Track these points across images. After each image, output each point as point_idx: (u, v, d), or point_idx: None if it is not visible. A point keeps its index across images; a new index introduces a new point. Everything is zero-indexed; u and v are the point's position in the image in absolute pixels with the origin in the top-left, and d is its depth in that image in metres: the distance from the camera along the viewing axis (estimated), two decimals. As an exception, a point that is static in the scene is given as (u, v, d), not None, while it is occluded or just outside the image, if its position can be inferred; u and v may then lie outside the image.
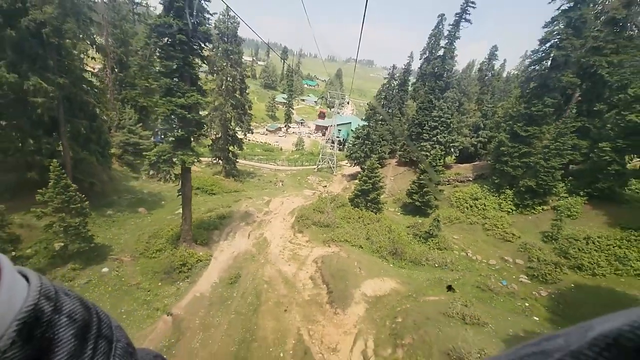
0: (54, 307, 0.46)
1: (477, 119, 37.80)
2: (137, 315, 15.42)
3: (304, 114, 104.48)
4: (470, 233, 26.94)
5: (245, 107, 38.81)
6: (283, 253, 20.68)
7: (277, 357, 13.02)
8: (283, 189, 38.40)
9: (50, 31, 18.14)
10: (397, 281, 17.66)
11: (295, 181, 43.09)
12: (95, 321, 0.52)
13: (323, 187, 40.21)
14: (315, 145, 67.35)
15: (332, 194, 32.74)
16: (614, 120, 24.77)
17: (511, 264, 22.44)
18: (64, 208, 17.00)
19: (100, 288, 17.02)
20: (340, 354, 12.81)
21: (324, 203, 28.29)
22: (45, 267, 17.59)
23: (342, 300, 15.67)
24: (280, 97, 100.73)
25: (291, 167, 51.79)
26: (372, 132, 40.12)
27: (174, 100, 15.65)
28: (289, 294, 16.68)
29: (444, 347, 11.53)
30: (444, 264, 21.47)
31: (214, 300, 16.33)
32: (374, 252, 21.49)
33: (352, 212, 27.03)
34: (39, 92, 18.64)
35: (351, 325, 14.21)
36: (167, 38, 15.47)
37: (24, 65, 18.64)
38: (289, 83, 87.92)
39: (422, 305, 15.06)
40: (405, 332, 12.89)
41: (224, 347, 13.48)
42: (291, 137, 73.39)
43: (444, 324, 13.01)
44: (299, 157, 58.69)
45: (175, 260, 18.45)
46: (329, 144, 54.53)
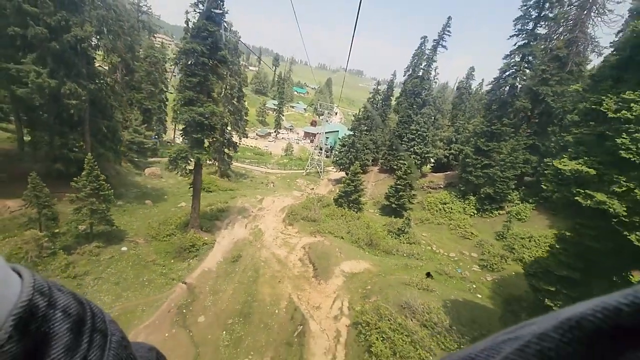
0: (48, 302, 0.48)
1: (450, 134, 43.13)
2: (157, 282, 19.08)
3: (293, 120, 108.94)
4: (437, 232, 31.68)
5: (242, 113, 42.83)
6: (276, 241, 24.71)
7: (273, 313, 17.01)
8: (274, 189, 42.41)
9: (87, 45, 21.88)
10: (370, 263, 21.97)
11: (285, 183, 47.15)
12: (90, 315, 0.54)
13: (311, 190, 44.42)
14: (304, 151, 71.65)
15: (319, 195, 36.99)
16: (557, 140, 30.24)
17: (467, 257, 27.16)
18: (94, 194, 20.54)
19: (122, 262, 20.54)
20: (321, 310, 16.91)
21: (311, 202, 32.54)
22: (73, 245, 20.89)
23: (325, 275, 19.83)
24: (270, 103, 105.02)
25: (281, 171, 55.84)
26: (357, 141, 44.84)
27: (194, 109, 19.68)
28: (281, 270, 20.71)
29: (399, 301, 15.83)
30: (411, 254, 25.94)
31: (219, 273, 20.16)
32: (353, 242, 25.76)
33: (336, 210, 31.34)
34: (72, 96, 22.24)
35: (331, 292, 18.37)
36: (192, 59, 19.55)
37: (61, 72, 22.23)
38: (280, 91, 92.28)
39: (388, 279, 19.39)
40: (372, 294, 17.15)
41: (230, 306, 17.36)
42: (280, 143, 77.48)
43: (402, 289, 17.35)
44: (288, 161, 62.85)
45: (185, 242, 22.17)
46: (317, 151, 58.94)
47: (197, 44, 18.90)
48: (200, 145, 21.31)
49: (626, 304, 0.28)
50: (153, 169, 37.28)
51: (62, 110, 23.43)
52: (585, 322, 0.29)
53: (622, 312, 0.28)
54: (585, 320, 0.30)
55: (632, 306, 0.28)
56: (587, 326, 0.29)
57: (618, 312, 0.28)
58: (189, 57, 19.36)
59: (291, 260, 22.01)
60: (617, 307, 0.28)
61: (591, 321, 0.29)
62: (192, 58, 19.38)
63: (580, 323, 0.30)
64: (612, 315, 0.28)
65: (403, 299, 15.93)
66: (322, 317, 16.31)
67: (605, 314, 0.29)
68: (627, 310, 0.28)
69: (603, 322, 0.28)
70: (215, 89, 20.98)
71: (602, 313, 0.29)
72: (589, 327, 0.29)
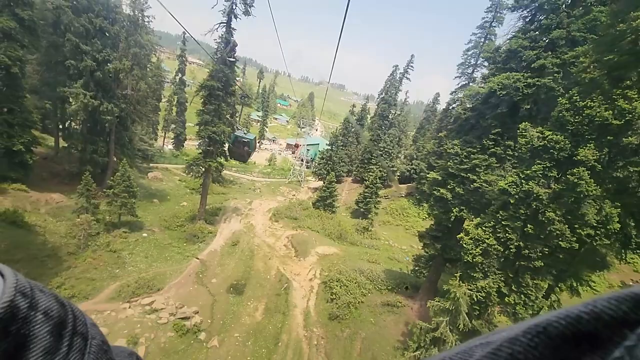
0: (29, 303, 0.48)
1: (412, 151, 52.26)
2: (176, 258, 25.82)
3: (276, 132, 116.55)
4: (395, 231, 39.98)
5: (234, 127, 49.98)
6: (265, 232, 31.98)
7: (266, 278, 24.23)
8: (261, 194, 49.59)
9: (124, 75, 28.82)
10: (338, 249, 29.65)
11: (270, 190, 54.40)
12: (71, 318, 0.54)
13: (292, 195, 51.90)
14: (286, 162, 79.12)
15: (300, 200, 44.56)
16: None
17: (415, 249, 35.40)
18: (126, 190, 27.14)
19: (146, 244, 27.08)
20: (300, 276, 24.32)
21: (293, 205, 40.06)
22: (102, 231, 27.24)
23: (303, 255, 27.32)
24: (254, 114, 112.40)
25: (265, 179, 63.00)
26: (333, 154, 53.06)
27: (209, 128, 27.00)
28: (270, 252, 27.99)
29: (355, 267, 23.57)
30: (372, 246, 33.89)
31: (223, 253, 27.16)
32: (326, 235, 33.41)
33: (314, 211, 39.01)
34: (108, 113, 28.94)
35: (308, 265, 25.84)
36: (209, 91, 26.96)
37: (99, 94, 28.93)
38: (265, 104, 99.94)
39: (350, 258, 27.14)
40: (336, 265, 24.79)
41: (234, 273, 24.42)
42: (263, 153, 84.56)
43: (358, 262, 25.13)
44: (272, 170, 70.07)
45: (195, 230, 29.03)
46: (298, 162, 66.69)
47: (215, 81, 26.41)
48: (210, 155, 28.53)
49: (586, 312, 0.34)
50: (155, 172, 43.59)
51: (95, 124, 30.05)
52: (551, 328, 0.35)
53: (582, 319, 0.34)
54: (551, 326, 0.35)
55: (590, 314, 0.33)
56: (552, 331, 0.35)
57: (579, 320, 0.34)
58: (208, 90, 26.76)
59: (278, 245, 29.38)
60: (578, 315, 0.34)
61: (556, 327, 0.35)
62: (210, 91, 26.80)
63: (547, 329, 0.35)
64: (573, 322, 0.34)
65: (357, 266, 23.71)
66: (301, 280, 23.78)
67: (568, 320, 0.34)
68: (586, 317, 0.33)
69: (566, 328, 0.34)
70: (226, 114, 28.35)
71: (565, 320, 0.34)
72: (553, 332, 0.35)
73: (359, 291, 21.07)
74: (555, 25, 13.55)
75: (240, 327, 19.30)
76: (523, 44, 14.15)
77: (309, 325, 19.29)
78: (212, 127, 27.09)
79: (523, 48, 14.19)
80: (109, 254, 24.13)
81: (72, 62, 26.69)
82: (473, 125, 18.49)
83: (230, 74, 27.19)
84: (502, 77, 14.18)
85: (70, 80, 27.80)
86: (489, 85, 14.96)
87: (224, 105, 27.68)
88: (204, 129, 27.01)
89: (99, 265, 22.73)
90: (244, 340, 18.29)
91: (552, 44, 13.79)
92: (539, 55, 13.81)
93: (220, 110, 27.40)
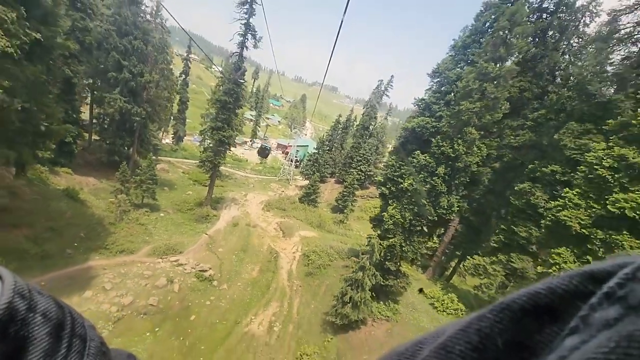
0: (28, 305, 0.49)
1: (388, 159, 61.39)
2: (189, 233, 33.83)
3: (268, 131, 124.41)
4: (366, 224, 48.67)
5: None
6: (259, 218, 40.29)
7: (260, 250, 32.56)
8: (254, 189, 57.73)
9: (153, 85, 36.66)
10: (317, 234, 38.23)
11: (262, 185, 62.58)
12: (69, 320, 0.55)
13: (282, 191, 60.23)
14: (276, 161, 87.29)
15: (288, 195, 52.95)
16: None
17: (381, 239, 44.28)
18: (150, 178, 34.96)
19: (164, 222, 34.94)
20: (286, 250, 32.80)
21: (282, 199, 48.44)
22: (129, 210, 34.96)
23: (289, 236, 35.80)
24: (248, 114, 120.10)
25: (257, 176, 71.06)
26: (320, 157, 61.69)
27: (220, 133, 35.16)
28: (263, 232, 36.35)
29: (328, 244, 32.20)
30: (344, 234, 42.59)
31: (226, 231, 35.32)
32: (309, 224, 41.95)
33: (299, 205, 47.49)
34: (137, 115, 36.70)
35: (292, 243, 34.32)
36: (222, 105, 35.12)
37: (131, 99, 36.65)
38: (259, 105, 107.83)
39: (326, 240, 35.75)
40: (315, 243, 33.34)
41: (236, 245, 32.63)
42: (255, 151, 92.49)
43: (331, 241, 33.75)
44: (263, 168, 78.15)
45: (203, 213, 37.07)
46: (288, 162, 75.08)
47: (227, 97, 34.60)
48: (219, 154, 36.67)
49: (542, 288, 0.40)
50: (162, 165, 51.16)
51: (124, 122, 37.80)
52: (513, 304, 0.41)
53: (540, 294, 0.40)
54: (513, 302, 0.41)
55: (546, 290, 0.40)
56: (514, 307, 0.41)
57: (537, 295, 0.40)
58: (221, 104, 34.90)
59: (269, 228, 37.79)
60: (537, 291, 0.40)
61: (517, 302, 0.41)
62: (223, 104, 34.96)
63: (510, 305, 0.41)
64: (533, 297, 0.40)
65: (329, 244, 32.40)
66: (286, 252, 32.29)
67: (528, 296, 0.40)
68: (543, 292, 0.40)
69: (526, 303, 0.40)
70: (234, 122, 36.55)
71: (526, 296, 0.41)
72: (515, 307, 0.41)
73: (327, 258, 29.71)
74: (450, 91, 22.43)
75: (242, 280, 27.63)
76: (432, 100, 22.93)
77: (291, 279, 27.86)
78: (222, 132, 35.25)
79: (432, 103, 22.97)
80: (139, 226, 31.94)
81: (113, 74, 34.46)
82: (403, 146, 27.40)
83: (239, 91, 35.44)
84: (419, 119, 22.99)
85: (109, 87, 35.52)
86: (412, 124, 23.83)
87: (233, 116, 35.89)
88: (216, 133, 35.15)
89: (133, 233, 30.56)
90: (244, 287, 26.66)
91: (447, 103, 22.67)
92: (440, 109, 22.72)
93: (230, 119, 35.59)
